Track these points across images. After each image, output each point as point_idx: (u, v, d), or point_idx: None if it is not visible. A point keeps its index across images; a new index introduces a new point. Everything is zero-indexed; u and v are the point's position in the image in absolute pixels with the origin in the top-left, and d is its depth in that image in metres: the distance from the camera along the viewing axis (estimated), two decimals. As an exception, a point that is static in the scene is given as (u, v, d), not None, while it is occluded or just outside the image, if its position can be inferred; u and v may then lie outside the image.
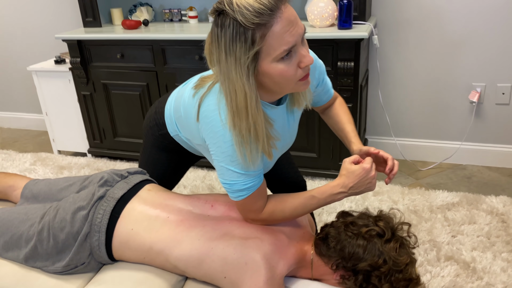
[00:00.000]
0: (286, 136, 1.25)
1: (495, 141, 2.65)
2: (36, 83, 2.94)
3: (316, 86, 1.29)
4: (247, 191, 1.14)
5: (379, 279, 1.08)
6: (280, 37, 0.95)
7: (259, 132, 1.04)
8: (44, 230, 1.28)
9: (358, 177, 1.13)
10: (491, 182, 2.53)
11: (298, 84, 1.04)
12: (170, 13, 2.83)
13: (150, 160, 1.49)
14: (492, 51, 2.45)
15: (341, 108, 1.40)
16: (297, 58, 1.00)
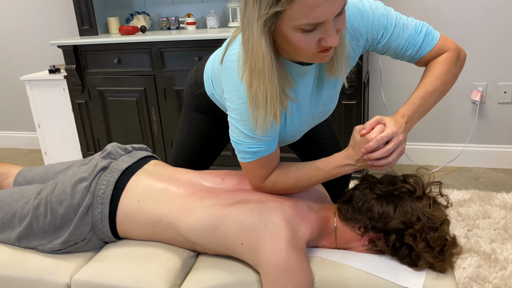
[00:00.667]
0: (312, 104, 1.12)
1: (500, 141, 2.61)
2: (29, 93, 2.86)
3: (363, 49, 1.10)
4: (252, 155, 1.05)
5: (414, 238, 0.99)
6: (309, 9, 0.82)
7: (273, 98, 0.95)
8: (41, 206, 1.17)
9: (353, 149, 1.02)
10: (500, 182, 2.47)
11: (316, 55, 0.92)
12: (168, 21, 2.82)
13: (187, 120, 1.38)
14: (492, 50, 2.45)
15: (432, 66, 1.10)
16: (320, 34, 0.87)
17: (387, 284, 0.99)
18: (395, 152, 0.97)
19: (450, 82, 1.10)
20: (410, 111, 1.04)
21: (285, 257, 0.96)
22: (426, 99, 1.06)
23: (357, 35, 1.05)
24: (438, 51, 1.10)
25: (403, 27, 1.07)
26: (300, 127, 1.14)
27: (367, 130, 0.99)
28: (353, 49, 1.07)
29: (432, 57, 1.10)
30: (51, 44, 2.64)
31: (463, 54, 1.12)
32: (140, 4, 2.92)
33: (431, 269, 1.01)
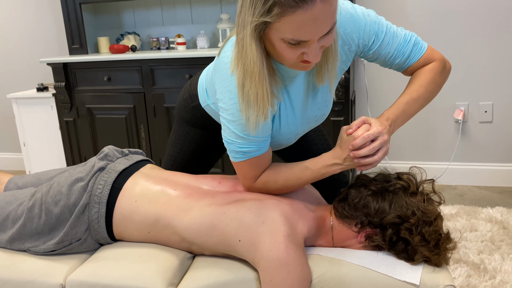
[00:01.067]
0: (308, 107, 1.15)
1: (483, 159, 2.68)
2: (16, 112, 2.84)
3: (355, 55, 1.13)
4: (242, 154, 1.07)
5: (410, 232, 1.01)
6: (296, 27, 0.85)
7: (264, 99, 0.97)
8: (36, 206, 1.15)
9: (340, 149, 1.05)
10: (484, 198, 2.52)
11: (298, 64, 0.96)
12: (158, 41, 2.86)
13: (179, 135, 1.40)
14: (472, 71, 2.55)
15: (418, 74, 1.14)
16: (304, 49, 0.90)
17: (385, 278, 1.00)
18: (380, 151, 1.00)
19: (435, 91, 1.14)
20: (394, 114, 1.07)
21: (284, 251, 0.97)
22: (411, 105, 1.10)
23: (350, 41, 1.09)
24: (425, 61, 1.14)
25: (393, 36, 1.11)
26: (295, 129, 1.16)
27: (353, 129, 1.02)
28: (346, 54, 1.11)
29: (419, 67, 1.15)
30: (40, 62, 2.65)
31: (448, 65, 1.17)
32: (130, 25, 2.96)
33: (427, 264, 1.02)
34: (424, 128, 2.71)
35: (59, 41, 3.14)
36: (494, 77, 2.53)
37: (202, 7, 2.81)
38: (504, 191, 2.60)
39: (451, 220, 2.17)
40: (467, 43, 2.51)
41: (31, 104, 2.81)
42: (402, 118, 1.09)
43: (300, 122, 1.16)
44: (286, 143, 1.20)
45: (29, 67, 3.27)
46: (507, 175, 2.64)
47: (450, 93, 2.61)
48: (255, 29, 0.90)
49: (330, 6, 0.85)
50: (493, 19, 2.44)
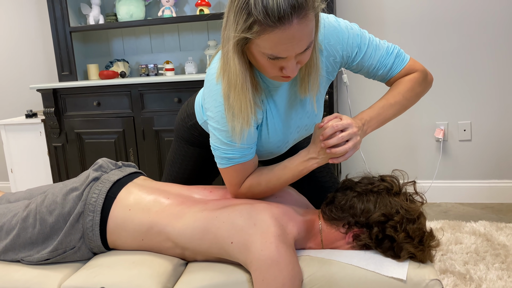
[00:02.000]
0: (297, 115, 1.19)
1: (464, 177, 2.76)
2: (4, 138, 2.85)
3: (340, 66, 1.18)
4: (227, 160, 1.12)
5: (395, 229, 1.05)
6: (274, 44, 0.91)
7: (247, 109, 1.03)
8: (30, 216, 1.17)
9: (314, 144, 1.10)
10: (467, 214, 2.58)
11: (278, 77, 1.02)
12: (146, 68, 2.93)
13: (178, 154, 1.44)
14: (450, 91, 2.67)
15: (398, 82, 1.19)
16: (282, 64, 0.97)
17: (373, 275, 1.03)
18: (350, 142, 1.04)
19: (413, 99, 1.20)
20: (368, 115, 1.13)
21: (275, 250, 1.00)
22: (386, 109, 1.16)
23: (334, 52, 1.15)
24: (407, 72, 1.20)
25: (375, 48, 1.17)
26: (284, 137, 1.21)
27: (325, 123, 1.07)
28: (331, 65, 1.17)
29: (401, 77, 1.21)
30: (30, 88, 2.69)
31: (430, 77, 1.24)
32: (119, 53, 3.04)
33: (412, 260, 1.06)
34: (407, 147, 2.79)
35: (48, 68, 3.20)
36: (471, 97, 2.64)
37: (189, 34, 2.90)
38: (486, 207, 2.67)
39: (436, 234, 2.22)
40: (446, 64, 2.64)
41: (19, 130, 2.83)
42: (377, 120, 1.15)
43: (289, 130, 1.21)
44: (277, 151, 1.25)
45: (18, 94, 3.30)
46: (488, 191, 2.72)
47: (430, 112, 2.71)
48: (237, 44, 0.96)
49: (306, 27, 0.91)
50: (470, 41, 2.58)
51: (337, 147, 1.05)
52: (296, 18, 0.88)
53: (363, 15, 2.68)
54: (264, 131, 1.16)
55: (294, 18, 0.88)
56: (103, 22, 2.84)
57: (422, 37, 2.63)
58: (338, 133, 1.05)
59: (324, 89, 1.22)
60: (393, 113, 1.17)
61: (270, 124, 1.16)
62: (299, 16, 0.89)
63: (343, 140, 1.04)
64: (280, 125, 1.18)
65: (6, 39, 3.23)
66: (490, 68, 2.58)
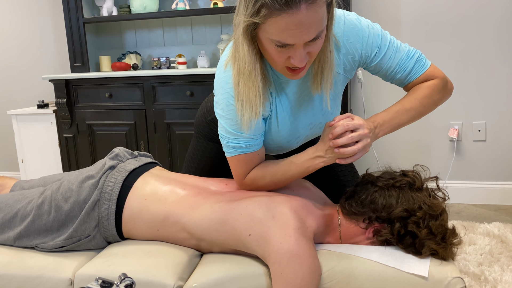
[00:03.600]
0: (309, 110, 1.16)
1: (478, 178, 2.72)
2: (15, 128, 2.85)
3: (358, 65, 1.16)
4: (231, 149, 1.11)
5: (417, 225, 1.03)
6: (280, 30, 0.90)
7: (256, 98, 1.01)
8: (45, 203, 1.16)
9: (323, 142, 1.07)
10: (480, 215, 2.55)
11: (285, 70, 1.00)
12: (158, 61, 2.92)
13: (197, 149, 1.43)
14: (466, 91, 2.63)
15: (416, 88, 1.15)
16: (290, 53, 0.94)
17: (394, 271, 1.01)
18: (360, 143, 1.01)
19: (430, 107, 1.16)
20: (381, 118, 1.10)
21: (295, 244, 0.98)
22: (401, 113, 1.12)
23: (353, 50, 1.12)
24: (427, 78, 1.16)
25: (395, 50, 1.13)
26: (294, 132, 1.17)
27: (335, 121, 1.04)
28: (349, 63, 1.14)
29: (420, 83, 1.17)
30: (43, 78, 2.69)
31: (450, 85, 1.19)
32: (132, 45, 3.03)
33: (434, 257, 1.04)
34: (420, 146, 2.76)
35: (60, 59, 3.19)
36: (486, 97, 2.60)
37: (202, 28, 2.89)
38: (500, 208, 2.63)
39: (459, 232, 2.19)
40: (461, 64, 2.60)
41: (31, 121, 2.83)
42: (390, 124, 1.11)
43: (300, 126, 1.18)
44: (287, 146, 1.22)
45: (30, 85, 3.30)
46: (502, 193, 2.68)
47: (445, 112, 2.68)
48: (246, 29, 0.94)
49: (315, 13, 0.88)
50: (486, 41, 2.54)
51: (346, 147, 1.01)
52: (304, 3, 0.86)
53: (378, 13, 2.65)
54: (274, 124, 1.14)
55: (303, 3, 0.86)
56: (117, 14, 2.83)
57: (437, 36, 2.59)
58: (348, 133, 1.01)
59: (342, 87, 1.19)
60: (408, 118, 1.13)
61: (280, 118, 1.13)
62: (308, 2, 0.87)
63: (353, 141, 1.01)
64: (290, 120, 1.15)
65: (19, 29, 3.23)
66: (506, 68, 2.54)
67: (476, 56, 2.57)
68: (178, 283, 1.03)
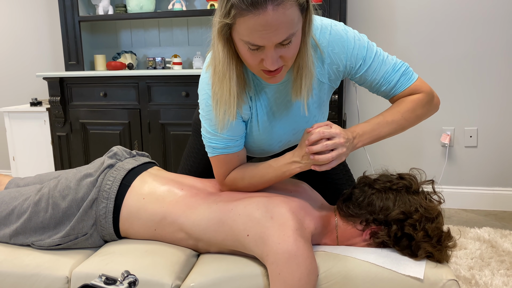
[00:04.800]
0: (291, 116, 1.16)
1: (468, 183, 2.76)
2: (7, 125, 2.82)
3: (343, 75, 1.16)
4: (212, 149, 1.14)
5: (414, 228, 1.04)
6: (249, 31, 0.90)
7: (230, 98, 1.02)
8: (42, 200, 1.16)
9: (300, 148, 1.07)
10: (470, 220, 2.58)
11: (261, 73, 1.00)
12: (154, 61, 2.92)
13: (193, 148, 1.45)
14: (458, 96, 2.66)
15: (400, 101, 1.15)
16: (262, 55, 0.94)
17: (390, 273, 1.02)
18: (334, 152, 1.01)
19: (412, 121, 1.14)
20: (361, 129, 1.10)
21: (293, 244, 0.99)
22: (382, 126, 1.11)
23: (337, 61, 1.11)
24: (412, 92, 1.14)
25: (381, 63, 1.12)
26: (277, 136, 1.19)
27: (313, 128, 1.05)
28: (334, 73, 1.14)
29: (405, 96, 1.16)
30: (37, 76, 2.67)
31: (436, 99, 1.18)
32: (127, 44, 3.02)
33: (429, 260, 1.06)
34: (413, 151, 2.79)
35: (54, 57, 3.17)
36: (478, 103, 2.64)
37: (199, 29, 2.89)
38: (490, 214, 2.67)
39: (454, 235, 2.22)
40: (455, 69, 2.64)
41: (23, 118, 2.80)
42: (370, 136, 1.10)
43: (281, 131, 1.19)
44: (269, 150, 1.23)
45: (23, 82, 3.27)
46: (492, 198, 2.72)
47: (437, 117, 2.71)
48: (220, 30, 0.95)
49: (283, 15, 0.88)
50: (480, 47, 2.58)
51: (320, 155, 1.02)
52: (270, 4, 0.87)
53: (373, 16, 2.68)
54: (255, 127, 1.16)
55: (269, 4, 0.87)
56: (113, 13, 2.82)
57: (431, 41, 2.63)
58: (323, 140, 1.02)
59: (327, 96, 1.20)
60: (388, 131, 1.12)
61: (261, 122, 1.15)
62: (274, 3, 0.87)
63: (327, 149, 1.01)
64: (272, 124, 1.16)
65: (13, 26, 3.21)
66: (499, 75, 2.58)
67: (470, 61, 2.61)
68: (176, 282, 1.03)
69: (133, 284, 0.64)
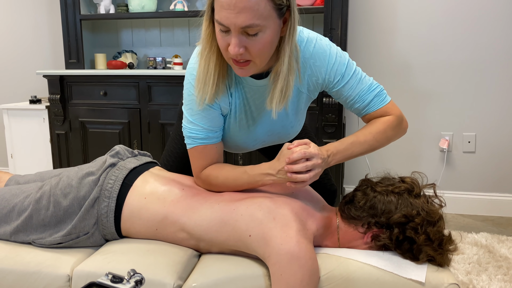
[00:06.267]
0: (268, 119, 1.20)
1: (466, 188, 2.77)
2: (6, 123, 2.81)
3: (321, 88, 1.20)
4: (191, 140, 1.17)
5: (415, 231, 1.05)
6: (219, 8, 0.96)
7: (210, 78, 1.07)
8: (43, 198, 1.15)
9: (278, 162, 1.09)
10: (468, 225, 2.59)
11: (231, 62, 1.04)
12: (154, 61, 2.91)
13: (177, 133, 1.46)
14: (457, 102, 2.68)
15: (372, 122, 1.20)
16: (229, 40, 0.99)
17: (391, 276, 1.03)
18: (312, 172, 1.05)
19: (383, 142, 1.19)
20: (336, 149, 1.13)
21: (296, 245, 0.99)
22: (355, 145, 1.16)
23: (317, 73, 1.16)
24: (383, 113, 1.20)
25: (358, 81, 1.17)
26: (253, 134, 1.23)
27: (294, 145, 1.08)
28: (313, 84, 1.18)
29: (376, 117, 1.20)
30: (37, 74, 2.66)
31: (405, 123, 1.23)
32: (128, 44, 3.02)
33: (431, 263, 1.06)
34: (411, 156, 2.80)
35: (54, 55, 3.17)
36: (477, 109, 2.66)
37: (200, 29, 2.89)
38: (487, 219, 2.68)
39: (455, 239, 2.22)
40: (454, 75, 2.65)
41: (22, 116, 2.79)
42: (343, 155, 1.14)
43: (259, 131, 1.23)
44: (244, 147, 1.27)
45: (22, 80, 3.27)
46: (489, 204, 2.73)
47: (436, 122, 2.72)
48: (207, 10, 1.03)
49: (248, 2, 0.93)
50: (479, 53, 2.59)
51: (298, 174, 1.05)
52: None
53: (374, 20, 2.69)
54: (233, 123, 1.20)
55: None
56: (114, 12, 2.82)
57: (431, 46, 2.64)
58: (303, 160, 1.05)
59: (305, 105, 1.25)
60: (360, 151, 1.17)
61: (238, 118, 1.19)
62: None
63: (307, 169, 1.04)
64: (248, 123, 1.20)
65: (14, 23, 3.20)
66: (498, 81, 2.60)
67: (468, 68, 2.62)
68: (178, 282, 1.03)
69: (140, 283, 0.64)
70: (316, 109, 2.37)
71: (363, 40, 2.73)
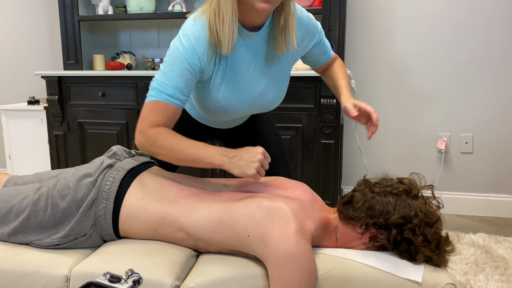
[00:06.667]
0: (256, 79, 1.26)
1: (463, 189, 2.78)
2: (4, 123, 2.81)
3: (310, 48, 1.36)
4: (157, 92, 1.14)
5: (413, 232, 1.05)
6: None
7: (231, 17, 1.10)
8: (41, 200, 1.15)
9: (244, 151, 1.12)
10: (465, 226, 2.60)
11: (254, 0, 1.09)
12: (153, 62, 2.92)
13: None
14: (455, 103, 2.69)
15: (338, 67, 1.46)
16: None
17: (388, 276, 1.03)
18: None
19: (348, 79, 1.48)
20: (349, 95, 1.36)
21: (294, 246, 0.99)
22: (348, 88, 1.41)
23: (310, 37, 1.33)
24: (334, 59, 1.48)
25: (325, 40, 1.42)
26: (242, 96, 1.25)
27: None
28: (304, 45, 1.33)
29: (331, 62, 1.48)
30: (35, 75, 2.66)
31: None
32: (126, 45, 3.02)
33: (428, 264, 1.06)
34: (409, 156, 2.81)
35: (53, 56, 3.17)
36: (475, 110, 2.67)
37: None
38: (484, 220, 2.69)
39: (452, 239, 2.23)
40: (452, 75, 2.66)
41: (21, 117, 2.79)
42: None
43: (246, 96, 1.26)
44: (231, 110, 1.27)
45: (20, 81, 3.26)
46: (486, 204, 2.74)
47: (434, 123, 2.73)
48: None
49: None
50: (475, 55, 2.60)
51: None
52: None
53: (372, 21, 2.70)
54: (217, 83, 1.21)
55: None
56: (112, 13, 2.82)
57: (429, 47, 2.65)
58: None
59: (290, 69, 1.36)
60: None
61: (228, 78, 1.21)
62: None
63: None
64: (239, 82, 1.23)
65: (12, 23, 3.20)
66: (495, 83, 2.61)
67: (466, 69, 2.63)
68: (176, 282, 1.03)
69: (137, 283, 0.64)
70: (314, 110, 2.38)
71: (361, 41, 2.74)
